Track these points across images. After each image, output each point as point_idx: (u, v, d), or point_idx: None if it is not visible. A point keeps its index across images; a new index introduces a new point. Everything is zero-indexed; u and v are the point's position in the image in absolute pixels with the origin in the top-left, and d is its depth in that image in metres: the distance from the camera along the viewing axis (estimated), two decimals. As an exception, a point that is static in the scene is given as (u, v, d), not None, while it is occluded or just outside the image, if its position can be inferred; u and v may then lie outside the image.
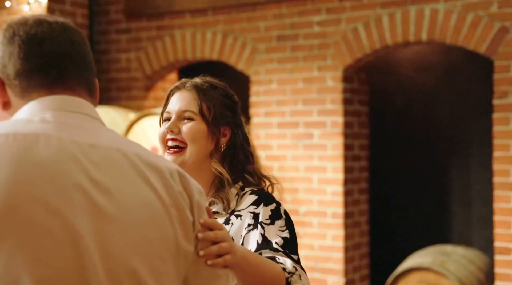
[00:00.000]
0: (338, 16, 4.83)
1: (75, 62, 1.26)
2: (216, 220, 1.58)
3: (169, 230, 1.21)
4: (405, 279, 4.72)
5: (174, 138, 1.91)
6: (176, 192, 1.24)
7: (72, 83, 1.26)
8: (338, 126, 4.83)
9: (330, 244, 4.86)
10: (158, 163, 1.25)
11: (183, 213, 1.24)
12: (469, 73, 5.41)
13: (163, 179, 1.23)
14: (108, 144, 1.21)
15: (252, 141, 5.56)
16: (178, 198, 1.24)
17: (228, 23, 5.22)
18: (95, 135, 1.21)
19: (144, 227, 1.18)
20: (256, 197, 1.87)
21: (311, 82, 4.91)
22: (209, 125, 1.91)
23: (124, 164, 1.20)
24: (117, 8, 5.73)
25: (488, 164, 4.79)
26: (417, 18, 4.56)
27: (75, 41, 1.27)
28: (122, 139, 1.26)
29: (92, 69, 1.31)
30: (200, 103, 1.92)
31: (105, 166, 1.18)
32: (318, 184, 4.89)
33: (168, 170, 1.25)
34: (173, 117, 1.93)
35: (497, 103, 4.32)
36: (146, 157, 1.24)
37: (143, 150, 1.26)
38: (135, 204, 1.18)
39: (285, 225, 1.83)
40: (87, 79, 1.29)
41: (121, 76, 5.73)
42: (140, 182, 1.20)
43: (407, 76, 5.67)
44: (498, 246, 4.28)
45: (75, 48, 1.27)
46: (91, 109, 1.27)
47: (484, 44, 4.36)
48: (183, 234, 1.24)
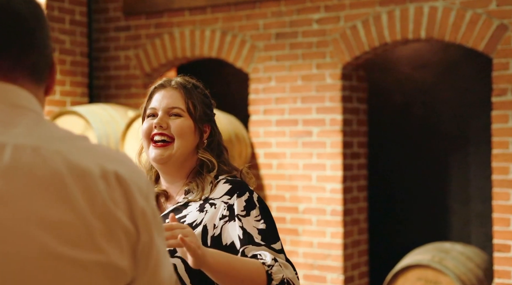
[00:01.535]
0: (337, 13, 4.83)
1: (15, 40, 1.04)
2: (183, 225, 1.72)
3: (88, 254, 0.98)
4: (404, 276, 4.72)
5: (163, 132, 1.98)
6: (106, 200, 1.00)
7: (8, 65, 1.04)
8: (337, 124, 4.84)
9: (329, 242, 4.86)
10: (88, 165, 1.00)
11: (115, 225, 1.00)
12: (468, 70, 5.41)
13: (89, 185, 0.99)
14: (23, 142, 0.99)
15: (250, 139, 5.55)
16: (108, 208, 1.00)
17: (227, 21, 5.21)
18: (11, 131, 1.00)
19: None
20: (230, 186, 1.96)
21: (310, 80, 4.91)
22: (196, 121, 2.01)
23: (34, 169, 0.97)
24: (116, 5, 5.72)
25: (487, 162, 4.79)
26: (416, 15, 4.56)
27: (20, 14, 1.04)
28: (49, 135, 1.02)
29: (41, 49, 1.07)
30: (187, 101, 2.01)
31: (9, 172, 0.96)
32: (317, 182, 4.90)
33: (101, 173, 1.00)
34: (160, 113, 2.01)
35: (495, 100, 4.32)
36: (73, 157, 1.00)
37: (75, 147, 1.02)
38: (39, 220, 0.96)
39: (260, 214, 1.91)
40: (31, 61, 1.06)
41: (120, 74, 5.72)
42: (49, 193, 0.97)
43: (406, 74, 5.67)
44: (497, 243, 4.29)
45: (19, 23, 1.04)
46: (22, 97, 1.04)
47: (482, 42, 4.36)
48: (116, 252, 1.00)
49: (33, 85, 1.07)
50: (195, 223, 1.91)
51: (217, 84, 6.35)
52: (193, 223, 1.91)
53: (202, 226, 1.90)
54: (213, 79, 6.37)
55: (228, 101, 5.80)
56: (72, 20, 5.51)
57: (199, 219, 1.91)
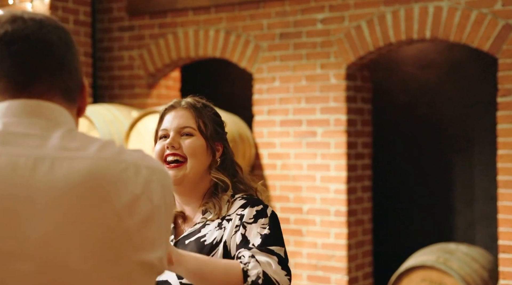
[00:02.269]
0: (341, 13, 4.81)
1: (48, 65, 1.13)
2: None
3: (125, 254, 1.07)
4: (408, 277, 4.71)
5: (175, 153, 1.99)
6: (141, 198, 1.09)
7: (42, 88, 1.13)
8: (341, 124, 4.82)
9: (333, 242, 4.85)
10: (121, 166, 1.09)
11: (151, 220, 1.10)
12: (473, 71, 5.39)
13: (123, 186, 1.07)
14: (59, 155, 1.06)
15: (254, 139, 5.54)
16: (143, 206, 1.09)
17: (231, 21, 5.20)
18: (47, 144, 1.08)
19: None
20: (245, 201, 1.97)
21: (314, 80, 4.90)
22: (207, 140, 2.02)
23: (73, 178, 1.05)
24: (120, 5, 5.72)
25: (492, 162, 4.77)
26: (421, 15, 4.54)
27: (51, 41, 1.13)
28: (83, 145, 1.10)
29: (71, 73, 1.16)
30: (198, 120, 2.03)
31: (48, 182, 1.04)
32: (321, 182, 4.88)
33: (135, 170, 1.10)
34: (171, 134, 2.02)
35: (501, 101, 4.30)
36: (107, 162, 1.08)
37: (109, 152, 1.10)
38: (78, 227, 1.04)
39: (268, 223, 1.91)
40: (63, 83, 1.15)
41: (123, 74, 5.72)
42: (90, 200, 1.05)
43: (411, 74, 5.65)
44: (502, 244, 4.27)
45: (50, 49, 1.13)
46: (56, 112, 1.13)
47: (488, 42, 4.34)
48: (151, 246, 1.11)
49: (66, 104, 1.15)
50: (215, 241, 1.91)
51: (221, 84, 6.34)
52: (213, 241, 1.91)
53: (223, 243, 1.90)
54: (217, 79, 6.36)
55: (232, 101, 5.80)
56: (76, 20, 5.50)
57: (219, 236, 1.92)
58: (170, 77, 5.84)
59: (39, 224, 1.02)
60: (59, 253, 1.03)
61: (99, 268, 1.05)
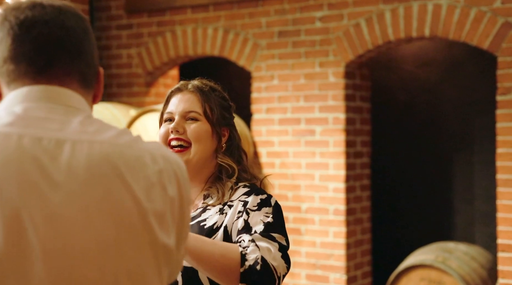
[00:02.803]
0: (340, 11, 4.80)
1: (66, 50, 1.16)
2: None
3: (142, 237, 1.10)
4: (407, 277, 4.69)
5: (179, 137, 1.96)
6: (155, 183, 1.12)
7: (61, 72, 1.15)
8: (340, 123, 4.80)
9: (332, 241, 4.83)
10: (139, 153, 1.13)
11: (165, 206, 1.13)
12: (472, 69, 5.37)
13: (141, 171, 1.11)
14: (79, 138, 1.10)
15: (253, 138, 5.53)
16: (159, 191, 1.12)
17: (230, 19, 5.19)
18: (67, 128, 1.11)
19: (106, 236, 1.07)
20: (248, 189, 1.95)
21: (312, 78, 4.88)
22: (213, 125, 1.98)
23: (92, 161, 1.08)
24: (118, 3, 5.70)
25: (491, 161, 4.76)
26: (420, 13, 4.52)
27: (70, 27, 1.16)
28: (101, 130, 1.13)
29: (88, 59, 1.19)
30: (204, 105, 1.99)
31: (70, 164, 1.07)
32: (319, 181, 4.87)
33: (151, 157, 1.13)
34: (176, 118, 1.99)
35: (500, 99, 4.29)
36: (124, 147, 1.12)
37: (124, 139, 1.14)
38: (100, 209, 1.07)
39: (272, 213, 1.89)
40: (81, 69, 1.18)
41: (122, 72, 5.70)
42: (110, 182, 1.08)
43: (410, 72, 5.64)
44: (501, 243, 4.25)
45: (69, 34, 1.16)
46: (74, 99, 1.16)
47: (487, 40, 4.32)
48: (165, 232, 1.13)
49: (82, 90, 1.18)
50: (216, 225, 1.89)
51: (220, 82, 6.31)
52: (213, 225, 1.89)
53: (223, 228, 1.88)
54: (215, 78, 6.32)
55: (230, 99, 5.77)
56: (73, 18, 5.48)
57: (220, 221, 1.89)
58: (169, 76, 5.82)
59: (63, 204, 1.05)
60: (81, 234, 1.05)
61: (118, 251, 1.08)
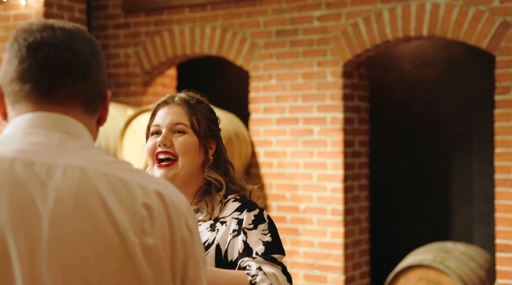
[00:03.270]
0: (338, 10, 4.78)
1: (71, 73, 1.17)
2: None
3: (127, 270, 1.08)
4: (405, 277, 4.68)
5: (166, 151, 1.94)
6: (145, 219, 1.10)
7: (64, 96, 1.17)
8: (338, 122, 4.79)
9: (330, 241, 4.82)
10: (131, 186, 1.12)
11: (153, 246, 1.10)
12: (471, 68, 5.36)
13: (130, 204, 1.10)
14: (72, 163, 1.11)
15: (250, 137, 5.51)
16: (146, 228, 1.10)
17: (227, 18, 5.17)
18: (62, 153, 1.13)
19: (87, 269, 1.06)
20: (240, 204, 1.93)
21: (310, 78, 4.87)
22: (200, 138, 1.97)
23: (82, 187, 1.09)
24: (115, 3, 5.68)
25: (489, 161, 4.75)
26: (418, 12, 4.51)
27: (77, 50, 1.17)
28: (96, 159, 1.14)
29: (94, 82, 1.19)
30: (191, 117, 1.98)
31: (59, 191, 1.08)
32: (317, 181, 4.85)
33: (143, 192, 1.12)
34: (163, 130, 1.97)
35: (498, 99, 4.27)
36: (116, 179, 1.12)
37: (119, 169, 1.14)
38: (84, 240, 1.07)
39: (268, 229, 1.88)
40: (85, 92, 1.19)
41: (119, 72, 5.68)
42: (96, 214, 1.08)
43: (408, 72, 5.63)
44: (500, 243, 4.24)
45: (75, 57, 1.17)
46: (74, 127, 1.17)
47: (485, 39, 4.31)
48: (155, 272, 1.11)
49: (85, 115, 1.19)
50: (207, 243, 1.87)
51: (217, 82, 6.31)
52: (205, 243, 1.87)
53: (215, 246, 1.87)
54: (213, 77, 6.32)
55: (228, 99, 5.76)
56: (71, 17, 5.46)
57: (211, 238, 1.88)
58: (166, 75, 5.80)
59: (49, 233, 1.06)
60: (65, 265, 1.07)
61: (100, 282, 1.08)
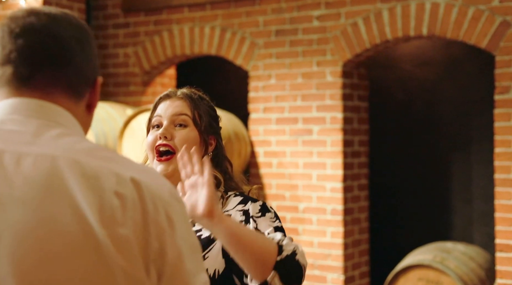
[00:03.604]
0: (337, 10, 4.78)
1: (52, 59, 1.14)
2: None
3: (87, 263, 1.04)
4: (405, 277, 4.67)
5: (167, 144, 1.92)
6: (116, 208, 1.05)
7: (45, 82, 1.15)
8: (337, 122, 4.78)
9: (330, 241, 4.81)
10: (103, 173, 1.07)
11: (123, 235, 1.05)
12: (470, 68, 5.35)
13: (99, 193, 1.05)
14: (45, 152, 1.08)
15: (250, 137, 5.50)
16: (117, 218, 1.05)
17: (227, 18, 5.16)
18: (37, 142, 1.10)
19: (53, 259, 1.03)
20: (242, 198, 1.92)
21: (310, 78, 4.86)
22: (201, 133, 1.95)
23: (51, 177, 1.05)
24: (115, 2, 5.67)
25: (489, 160, 4.74)
26: (418, 12, 4.50)
27: (60, 35, 1.15)
28: (71, 146, 1.10)
29: (78, 68, 1.17)
30: (193, 111, 1.95)
31: (27, 179, 1.05)
32: (317, 181, 4.85)
33: (117, 180, 1.07)
34: (165, 123, 1.95)
35: (498, 98, 4.27)
36: (89, 167, 1.07)
37: (94, 157, 1.09)
38: (50, 229, 1.03)
39: (275, 217, 1.87)
40: (68, 78, 1.16)
41: (118, 71, 5.67)
42: (61, 202, 1.04)
43: (408, 71, 5.62)
44: (499, 243, 4.24)
45: (57, 43, 1.15)
46: (54, 113, 1.14)
47: (485, 39, 4.31)
48: (124, 260, 1.05)
49: (69, 100, 1.16)
50: (213, 236, 1.84)
51: (217, 81, 6.30)
52: (210, 235, 1.85)
53: None
54: (212, 77, 6.31)
55: (227, 99, 5.75)
56: (70, 17, 5.45)
57: None
58: (166, 75, 5.80)
59: (12, 216, 1.03)
60: (29, 252, 1.04)
61: (64, 263, 1.05)
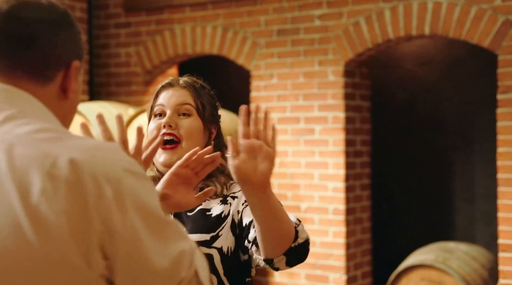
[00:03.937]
0: (339, 9, 4.76)
1: (14, 41, 1.13)
2: None
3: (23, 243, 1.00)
4: (407, 277, 4.66)
5: (171, 132, 1.90)
6: (47, 191, 1.00)
7: (6, 65, 1.13)
8: (339, 122, 4.77)
9: (332, 241, 4.80)
10: (37, 156, 1.02)
11: (52, 220, 1.00)
12: (473, 67, 5.34)
13: (28, 178, 1.01)
14: None
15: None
16: (45, 202, 1.00)
17: (228, 17, 5.16)
18: None
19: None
20: None
21: (312, 77, 4.85)
22: (204, 121, 1.95)
23: None
24: (116, 2, 5.67)
25: (492, 160, 4.73)
26: (420, 11, 4.49)
27: (25, 18, 1.13)
28: (12, 130, 1.06)
29: (45, 51, 1.14)
30: (196, 100, 1.95)
31: None
32: (319, 180, 4.84)
33: (51, 163, 1.01)
34: (168, 112, 1.93)
35: (501, 98, 4.25)
36: (22, 149, 1.03)
37: (32, 139, 1.04)
38: None
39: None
40: (31, 61, 1.13)
41: (120, 71, 5.67)
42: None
43: (410, 71, 5.61)
44: (502, 243, 4.22)
45: (21, 25, 1.13)
46: (12, 95, 1.12)
47: (487, 38, 4.29)
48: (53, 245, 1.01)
49: (33, 83, 1.13)
50: (224, 214, 1.87)
51: (219, 81, 6.28)
52: (221, 214, 1.87)
53: (231, 216, 1.87)
54: (214, 76, 6.30)
55: (229, 98, 5.74)
56: (72, 16, 5.45)
57: (226, 210, 1.88)
58: (167, 74, 5.79)
59: None
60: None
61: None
